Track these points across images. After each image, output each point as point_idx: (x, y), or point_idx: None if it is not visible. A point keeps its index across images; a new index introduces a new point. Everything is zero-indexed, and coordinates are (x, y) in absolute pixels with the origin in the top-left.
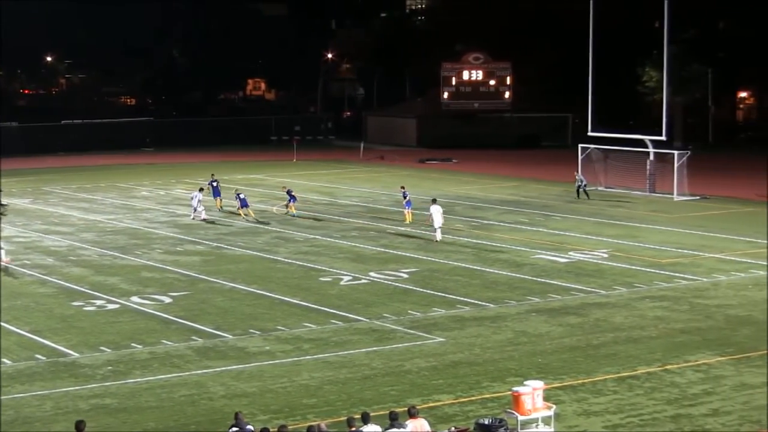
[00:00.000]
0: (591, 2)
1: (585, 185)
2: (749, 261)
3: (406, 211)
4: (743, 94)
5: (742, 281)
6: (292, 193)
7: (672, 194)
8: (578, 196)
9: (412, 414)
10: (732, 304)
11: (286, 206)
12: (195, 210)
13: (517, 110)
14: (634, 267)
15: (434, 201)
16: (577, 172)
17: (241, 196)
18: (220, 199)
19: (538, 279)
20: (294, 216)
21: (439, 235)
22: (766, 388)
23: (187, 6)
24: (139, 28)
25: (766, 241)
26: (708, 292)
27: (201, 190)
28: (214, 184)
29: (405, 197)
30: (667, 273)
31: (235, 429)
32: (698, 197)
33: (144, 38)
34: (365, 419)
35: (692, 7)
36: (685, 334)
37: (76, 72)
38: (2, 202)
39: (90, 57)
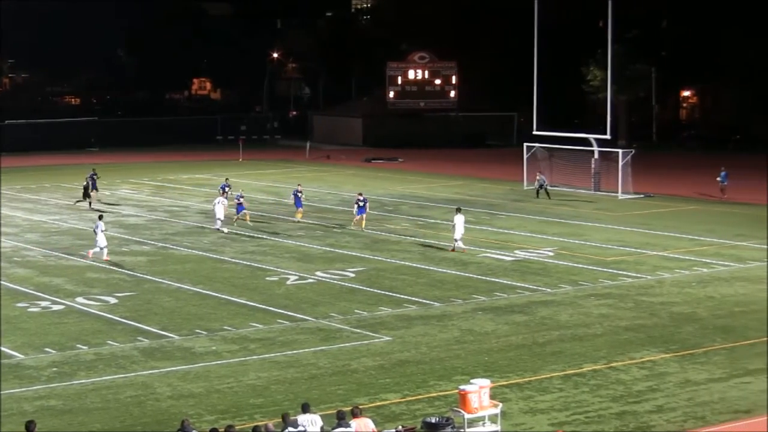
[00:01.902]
0: (536, 1)
1: (546, 185)
2: (693, 258)
3: (357, 217)
4: (686, 94)
5: (685, 279)
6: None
7: (616, 193)
8: (537, 196)
9: (355, 413)
10: (676, 301)
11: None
12: (219, 220)
13: (463, 109)
14: (579, 265)
15: (458, 210)
16: (540, 172)
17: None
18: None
19: (484, 277)
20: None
21: (461, 245)
22: (710, 385)
23: (133, 5)
24: (83, 27)
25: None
26: (652, 290)
27: (224, 193)
28: (226, 188)
29: (359, 204)
30: (612, 271)
31: None
32: (642, 195)
33: (89, 37)
34: (304, 409)
35: (636, 7)
36: (630, 332)
37: (19, 72)
38: None
39: (34, 56)
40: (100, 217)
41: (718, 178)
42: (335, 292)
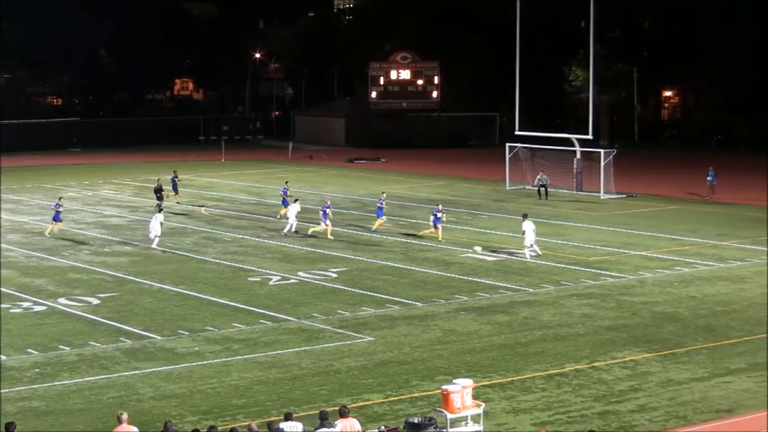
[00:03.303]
0: (518, 2)
1: (548, 184)
2: (674, 258)
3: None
4: (668, 93)
5: (667, 278)
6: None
7: (598, 192)
8: (540, 196)
9: (342, 413)
10: (658, 300)
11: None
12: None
13: (445, 109)
14: (561, 265)
15: (525, 216)
16: (541, 171)
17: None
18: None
19: (467, 278)
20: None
21: (527, 254)
22: (692, 384)
23: (115, 5)
24: (65, 28)
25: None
26: (634, 290)
27: (297, 200)
28: (286, 191)
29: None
30: (594, 271)
31: None
32: (624, 195)
33: (71, 38)
34: (287, 418)
35: (618, 7)
36: (612, 331)
37: (0, 72)
38: None
39: (15, 57)
40: (160, 210)
41: (708, 178)
42: (318, 293)
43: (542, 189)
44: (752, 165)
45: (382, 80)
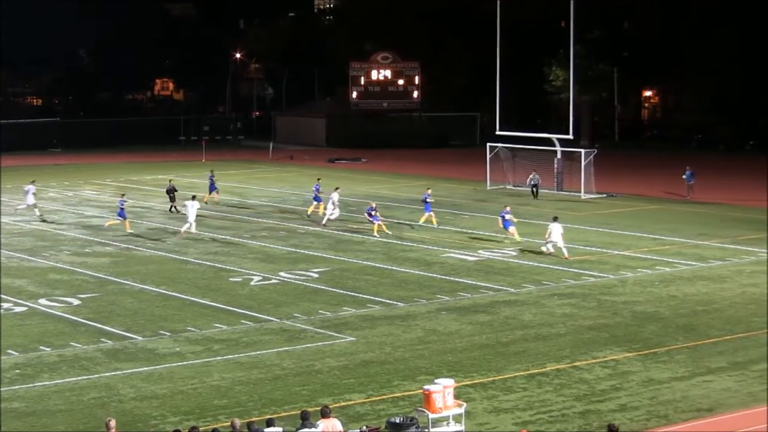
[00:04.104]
0: (498, 2)
1: (539, 183)
2: (655, 258)
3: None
4: (648, 94)
5: (648, 278)
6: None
7: (579, 192)
8: (534, 195)
9: (324, 414)
10: (639, 300)
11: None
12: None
13: (426, 110)
14: (542, 265)
15: (555, 219)
16: (534, 170)
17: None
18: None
19: (448, 277)
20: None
21: (562, 251)
22: (673, 383)
23: (95, 5)
24: (45, 28)
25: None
26: (615, 289)
27: (194, 198)
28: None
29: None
30: (575, 270)
31: None
32: (605, 195)
33: (50, 38)
34: (269, 423)
35: (598, 7)
36: (593, 331)
37: None
38: None
39: None
40: (194, 197)
41: (684, 176)
42: (299, 293)
43: (534, 189)
44: (732, 165)
45: (362, 80)
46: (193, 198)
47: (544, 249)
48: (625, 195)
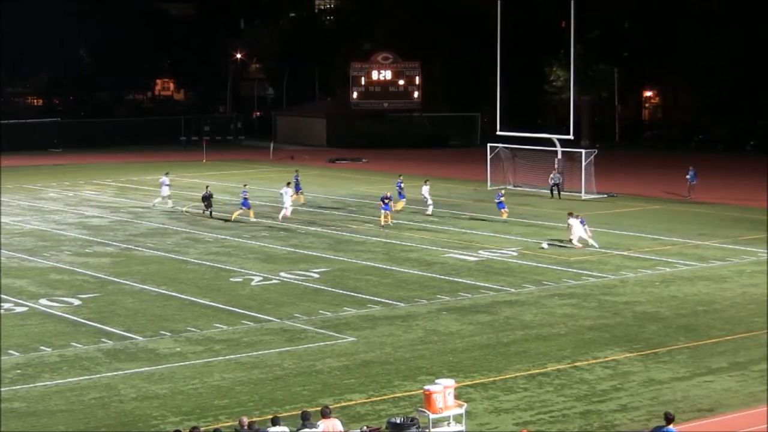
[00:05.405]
0: (498, 2)
1: (560, 182)
2: (656, 258)
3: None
4: (648, 94)
5: (648, 278)
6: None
7: (580, 192)
8: (552, 196)
9: (324, 414)
10: (639, 300)
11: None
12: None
13: (426, 110)
14: (542, 265)
15: (570, 214)
16: (555, 169)
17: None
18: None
19: (448, 278)
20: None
21: (588, 242)
22: (673, 383)
23: (94, 5)
24: (45, 28)
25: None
26: (616, 289)
27: (288, 184)
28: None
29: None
30: (575, 270)
31: None
32: (605, 195)
33: (51, 38)
34: (274, 422)
35: (598, 7)
36: (594, 331)
37: None
38: None
39: None
40: (288, 184)
41: (687, 176)
42: (299, 293)
43: (556, 188)
44: (732, 165)
45: (363, 80)
46: (288, 185)
47: (574, 242)
48: (626, 195)
